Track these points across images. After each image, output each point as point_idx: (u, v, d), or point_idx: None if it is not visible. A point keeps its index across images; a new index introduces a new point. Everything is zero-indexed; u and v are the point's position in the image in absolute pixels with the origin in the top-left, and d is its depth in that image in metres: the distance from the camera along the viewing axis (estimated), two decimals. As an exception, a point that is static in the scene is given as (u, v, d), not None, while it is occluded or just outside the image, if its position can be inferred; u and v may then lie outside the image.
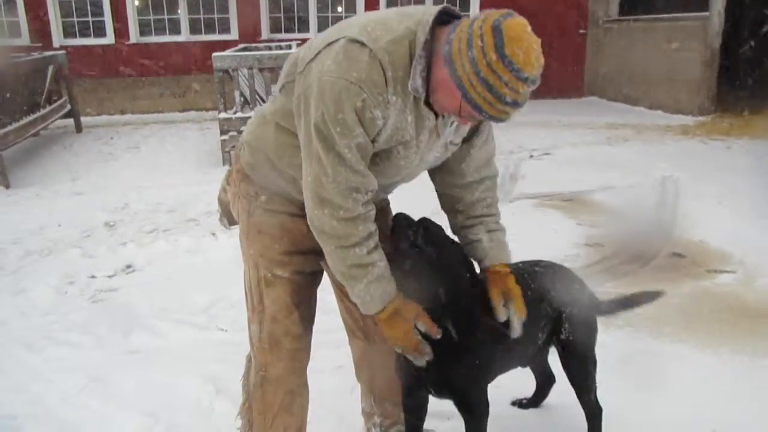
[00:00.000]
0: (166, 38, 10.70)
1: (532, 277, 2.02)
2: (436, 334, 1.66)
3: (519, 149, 7.41)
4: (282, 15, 11.13)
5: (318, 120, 1.49)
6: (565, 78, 11.70)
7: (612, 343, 2.87)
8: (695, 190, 5.44)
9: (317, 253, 1.81)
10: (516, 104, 1.40)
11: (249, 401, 1.95)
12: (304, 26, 11.12)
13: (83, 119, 9.53)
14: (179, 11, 10.69)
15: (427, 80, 1.50)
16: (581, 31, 11.70)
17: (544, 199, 5.40)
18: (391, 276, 1.65)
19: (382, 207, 2.00)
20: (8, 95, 7.18)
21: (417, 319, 1.65)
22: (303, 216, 1.66)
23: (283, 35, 10.83)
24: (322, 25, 10.75)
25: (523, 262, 2.08)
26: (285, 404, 1.89)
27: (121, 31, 10.57)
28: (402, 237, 1.74)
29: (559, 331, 2.03)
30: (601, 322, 3.05)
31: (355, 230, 1.57)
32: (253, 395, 1.92)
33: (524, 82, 1.37)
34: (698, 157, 6.90)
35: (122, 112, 10.74)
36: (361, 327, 2.05)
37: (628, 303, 2.28)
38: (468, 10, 11.35)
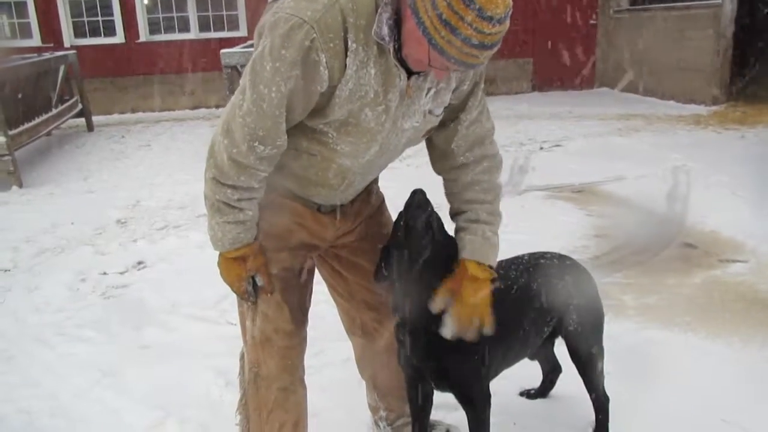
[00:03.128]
0: (176, 36, 10.74)
1: (538, 269, 2.01)
2: (271, 291, 1.71)
3: (529, 141, 7.38)
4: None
5: (260, 53, 1.42)
6: (575, 69, 11.63)
7: (622, 333, 2.87)
8: (707, 180, 5.38)
9: (307, 248, 1.81)
10: (483, 46, 1.32)
11: (245, 397, 1.94)
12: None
13: (95, 118, 9.61)
14: (188, 9, 10.73)
15: (399, 34, 1.42)
16: (592, 21, 11.61)
17: (554, 190, 5.38)
18: (254, 227, 1.63)
19: (378, 206, 1.96)
20: (20, 96, 7.25)
21: (258, 272, 1.66)
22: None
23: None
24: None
25: (530, 255, 2.08)
26: (279, 401, 1.85)
27: (131, 30, 10.63)
28: (418, 216, 1.67)
29: (567, 323, 2.02)
30: (611, 313, 3.07)
31: (236, 175, 1.51)
32: (248, 392, 1.90)
33: (488, 21, 1.28)
34: (711, 146, 6.83)
35: (133, 111, 10.81)
36: (358, 325, 2.04)
37: None
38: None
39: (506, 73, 11.46)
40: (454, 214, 1.80)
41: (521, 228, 4.19)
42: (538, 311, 1.92)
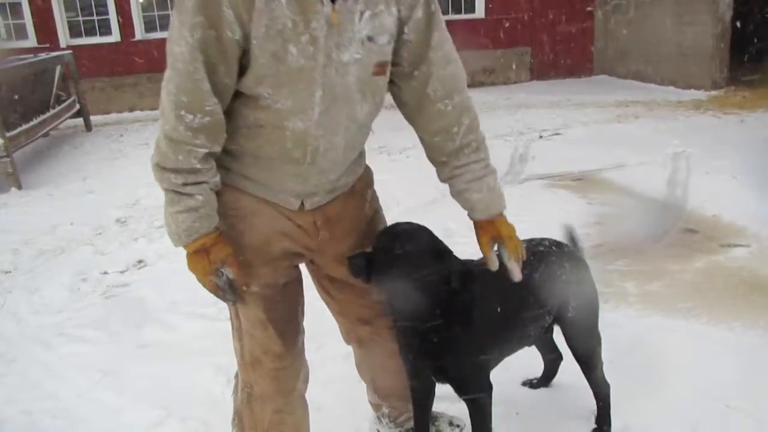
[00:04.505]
0: (172, 34, 10.70)
1: (537, 257, 1.99)
2: (243, 283, 1.59)
3: (528, 130, 7.35)
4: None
5: (172, 13, 1.37)
6: (574, 57, 11.59)
7: (624, 321, 2.86)
8: (708, 165, 5.36)
9: (290, 257, 1.71)
10: None
11: (239, 415, 1.89)
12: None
13: (93, 118, 9.59)
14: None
15: None
16: (588, 8, 11.55)
17: (554, 179, 5.36)
18: (211, 214, 1.51)
19: (371, 216, 1.84)
20: (17, 97, 7.24)
21: (224, 264, 1.54)
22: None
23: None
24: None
25: (527, 241, 2.06)
26: (274, 422, 1.80)
27: (127, 29, 10.60)
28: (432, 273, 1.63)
29: (565, 311, 2.01)
30: (613, 301, 3.05)
31: (174, 155, 1.42)
32: (243, 411, 1.85)
33: None
34: (711, 131, 6.80)
35: (131, 110, 10.78)
36: (354, 338, 2.00)
37: None
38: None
39: (504, 63, 11.42)
40: (447, 178, 1.73)
41: (522, 217, 4.10)
42: (538, 300, 1.91)
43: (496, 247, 1.71)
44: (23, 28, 10.50)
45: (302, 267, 1.86)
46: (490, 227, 1.71)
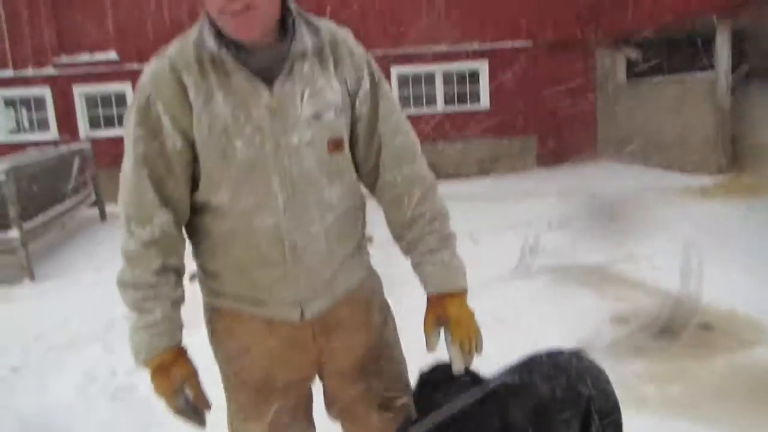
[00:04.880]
0: (187, 125, 11.03)
1: (557, 367, 1.95)
2: (205, 406, 1.52)
3: (537, 220, 7.38)
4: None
5: None
6: (577, 143, 11.81)
7: (645, 428, 2.77)
8: (719, 256, 5.33)
9: (296, 384, 1.63)
10: None
11: None
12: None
13: (108, 207, 9.75)
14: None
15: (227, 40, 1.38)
16: (591, 95, 11.87)
17: (565, 272, 5.34)
18: (171, 330, 1.47)
19: (379, 325, 1.72)
20: (36, 188, 7.40)
21: (186, 383, 1.49)
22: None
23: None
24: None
25: (547, 355, 2.03)
26: None
27: (144, 121, 10.93)
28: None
29: (588, 425, 1.95)
30: (633, 406, 2.97)
31: (130, 270, 1.43)
32: None
33: None
34: (719, 219, 6.81)
35: (145, 199, 10.96)
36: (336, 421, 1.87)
37: None
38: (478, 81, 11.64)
39: (510, 151, 11.64)
40: (405, 253, 1.66)
41: (533, 314, 4.14)
42: (565, 422, 1.86)
43: (438, 331, 1.60)
44: (45, 122, 10.88)
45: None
46: (438, 305, 1.58)
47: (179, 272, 1.52)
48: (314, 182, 1.47)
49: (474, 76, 11.64)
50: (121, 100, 10.95)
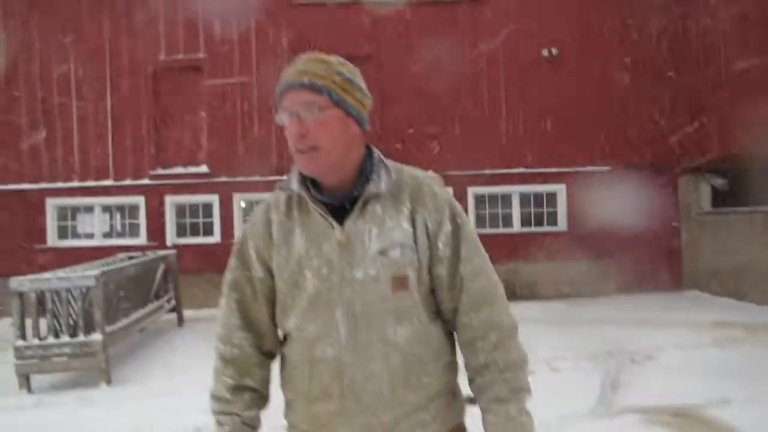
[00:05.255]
0: (268, 236, 11.42)
1: None
2: None
3: (618, 351, 7.03)
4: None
5: None
6: (661, 271, 11.40)
7: None
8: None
9: None
10: (288, 82, 1.55)
11: None
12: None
13: (186, 312, 10.03)
14: (281, 212, 11.53)
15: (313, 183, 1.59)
16: (674, 224, 11.57)
17: (651, 413, 4.99)
18: None
19: None
20: (121, 293, 7.73)
21: None
22: None
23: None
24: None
25: None
26: None
27: (227, 230, 11.43)
28: None
29: None
30: None
31: (213, 382, 1.63)
32: None
33: (292, 67, 1.56)
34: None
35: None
36: None
37: None
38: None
39: (589, 275, 11.34)
40: (475, 397, 1.62)
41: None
42: None
43: None
44: (137, 228, 11.54)
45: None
46: None
47: (257, 394, 1.65)
48: (377, 318, 1.51)
49: (551, 198, 11.64)
50: (207, 210, 11.53)
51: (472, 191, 11.48)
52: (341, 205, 1.55)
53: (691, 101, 11.14)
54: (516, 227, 11.63)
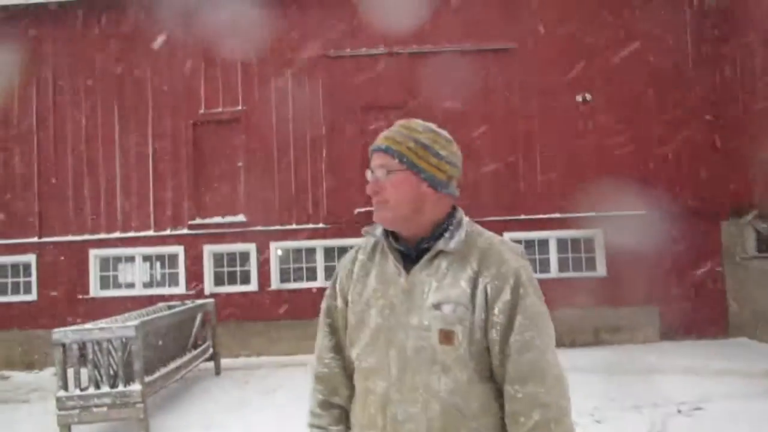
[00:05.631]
0: (304, 285, 11.49)
1: None
2: None
3: (664, 402, 6.80)
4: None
5: None
6: (706, 317, 11.05)
7: None
8: None
9: None
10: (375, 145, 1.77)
11: None
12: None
13: (222, 360, 10.06)
14: (316, 259, 11.60)
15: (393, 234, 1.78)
16: (717, 269, 11.26)
17: (701, 468, 4.79)
18: None
19: None
20: (160, 342, 7.82)
21: None
22: None
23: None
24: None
25: None
26: None
27: (264, 279, 11.53)
28: None
29: None
30: None
31: (310, 397, 1.86)
32: None
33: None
34: None
35: (259, 355, 11.27)
36: None
37: None
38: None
39: (631, 322, 11.07)
40: None
41: None
42: None
43: None
44: (176, 277, 11.73)
45: None
46: None
47: (344, 412, 1.84)
48: (424, 365, 1.62)
49: (589, 243, 11.48)
50: (244, 259, 11.68)
51: (508, 237, 11.41)
52: (417, 255, 1.72)
53: (731, 145, 10.98)
54: (554, 272, 11.47)
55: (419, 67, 11.62)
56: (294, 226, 11.57)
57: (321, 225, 11.56)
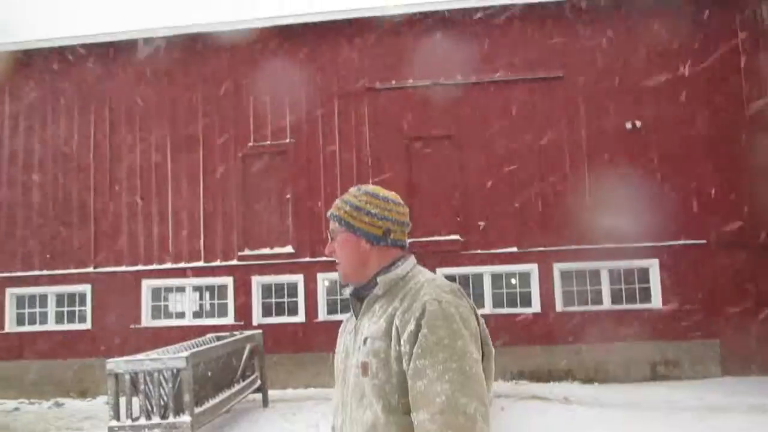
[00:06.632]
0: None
1: None
2: None
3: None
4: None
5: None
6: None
7: None
8: None
9: None
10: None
11: None
12: (479, 301, 11.34)
13: (270, 392, 10.05)
14: (363, 290, 11.56)
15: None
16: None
17: None
18: None
19: None
20: (210, 373, 7.86)
21: None
22: None
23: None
24: (497, 301, 10.97)
25: None
26: None
27: (311, 310, 11.55)
28: None
29: None
30: None
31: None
32: None
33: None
34: None
35: (306, 386, 11.23)
36: None
37: None
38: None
39: (689, 356, 10.63)
40: None
41: None
42: None
43: None
44: (225, 307, 11.87)
45: None
46: None
47: None
48: (356, 400, 1.80)
49: (643, 274, 11.12)
50: (292, 290, 11.74)
51: (557, 267, 11.16)
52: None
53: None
54: (606, 304, 11.13)
55: (463, 98, 11.62)
56: (341, 257, 11.58)
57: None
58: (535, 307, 11.13)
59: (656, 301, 10.98)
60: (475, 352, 1.69)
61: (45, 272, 12.20)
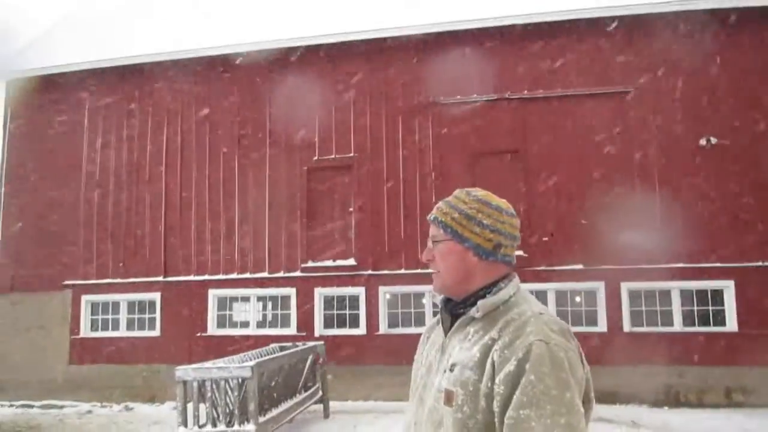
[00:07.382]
0: (411, 330, 11.42)
1: None
2: None
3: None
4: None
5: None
6: None
7: None
8: None
9: None
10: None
11: None
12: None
13: (331, 404, 10.11)
14: (424, 304, 11.53)
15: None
16: None
17: None
18: None
19: None
20: (273, 383, 7.98)
21: None
22: None
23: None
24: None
25: None
26: None
27: (372, 323, 11.58)
28: None
29: None
30: None
31: None
32: None
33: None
34: None
35: (365, 399, 11.25)
36: None
37: None
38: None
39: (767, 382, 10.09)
40: None
41: None
42: None
43: None
44: (288, 318, 12.05)
45: None
46: None
47: None
48: (431, 426, 1.67)
49: (717, 295, 10.65)
50: (354, 302, 11.82)
51: (626, 286, 10.83)
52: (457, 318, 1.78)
53: None
54: (677, 326, 10.71)
55: (530, 112, 11.49)
56: (402, 271, 11.60)
57: (429, 270, 11.51)
58: (602, 326, 10.82)
59: (731, 324, 10.49)
60: (580, 405, 1.54)
61: (118, 280, 12.71)
